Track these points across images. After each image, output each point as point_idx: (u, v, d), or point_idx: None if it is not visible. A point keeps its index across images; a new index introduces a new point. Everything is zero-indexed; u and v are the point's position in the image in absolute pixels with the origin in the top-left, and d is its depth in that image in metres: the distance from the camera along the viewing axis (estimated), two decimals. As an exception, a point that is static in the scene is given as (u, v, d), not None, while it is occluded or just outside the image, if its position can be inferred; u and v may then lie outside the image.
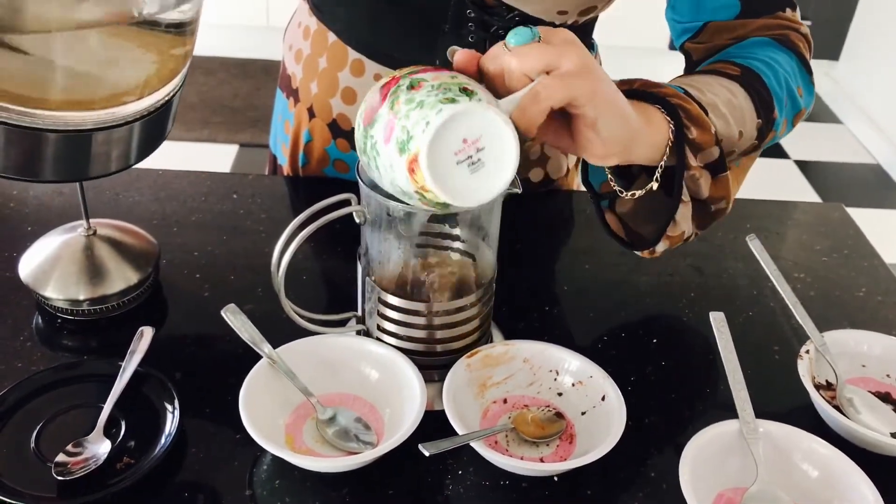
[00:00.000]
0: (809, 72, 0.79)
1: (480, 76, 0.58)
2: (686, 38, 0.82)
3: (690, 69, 0.81)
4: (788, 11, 0.79)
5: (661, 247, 0.68)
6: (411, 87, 0.54)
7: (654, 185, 0.65)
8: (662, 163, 0.64)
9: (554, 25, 0.81)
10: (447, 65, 0.58)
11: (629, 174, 0.69)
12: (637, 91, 0.66)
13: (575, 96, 0.55)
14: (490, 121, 0.52)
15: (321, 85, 0.91)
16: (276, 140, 1.03)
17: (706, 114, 0.66)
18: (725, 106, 0.69)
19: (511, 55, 0.56)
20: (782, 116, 0.75)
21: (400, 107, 0.53)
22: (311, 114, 0.94)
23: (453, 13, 0.80)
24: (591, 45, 0.95)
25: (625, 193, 0.67)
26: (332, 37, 0.89)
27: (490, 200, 0.54)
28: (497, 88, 0.57)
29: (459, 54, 0.57)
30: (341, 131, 0.92)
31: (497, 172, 0.53)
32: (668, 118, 0.64)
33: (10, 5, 0.51)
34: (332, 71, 0.90)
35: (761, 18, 0.78)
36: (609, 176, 0.68)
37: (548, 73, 0.55)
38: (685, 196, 0.66)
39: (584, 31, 0.89)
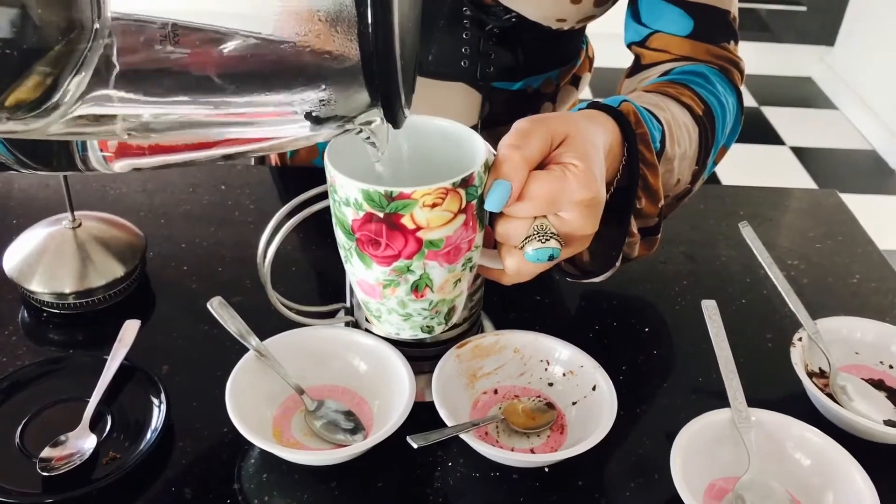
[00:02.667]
0: (742, 113, 0.80)
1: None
2: (635, 41, 0.82)
3: (638, 70, 0.82)
4: (732, 44, 0.80)
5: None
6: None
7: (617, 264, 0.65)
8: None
9: (550, 30, 0.81)
10: (440, 59, 0.56)
11: None
12: (617, 115, 0.62)
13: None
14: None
15: None
16: None
17: (660, 162, 0.64)
18: (679, 159, 0.69)
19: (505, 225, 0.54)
20: (712, 159, 0.76)
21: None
22: None
23: (449, 10, 0.79)
24: (582, 41, 0.94)
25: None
26: None
27: None
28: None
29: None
30: None
31: None
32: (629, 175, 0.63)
33: None
34: None
35: (708, 44, 0.78)
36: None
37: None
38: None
39: (577, 31, 0.88)
